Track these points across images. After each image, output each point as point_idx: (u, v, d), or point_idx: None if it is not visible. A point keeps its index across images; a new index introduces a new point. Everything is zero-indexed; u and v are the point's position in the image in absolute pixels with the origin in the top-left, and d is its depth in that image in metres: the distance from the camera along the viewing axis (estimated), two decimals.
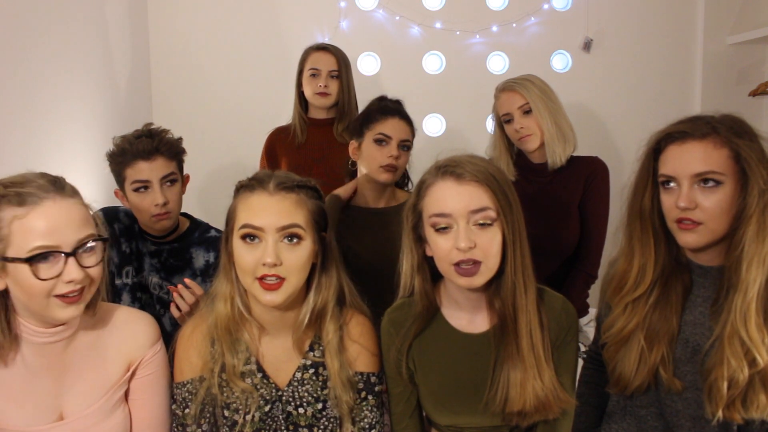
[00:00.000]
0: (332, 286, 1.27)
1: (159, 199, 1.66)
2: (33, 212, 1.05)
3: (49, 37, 1.96)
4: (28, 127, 1.82)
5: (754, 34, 2.74)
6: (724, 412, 1.17)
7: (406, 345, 1.29)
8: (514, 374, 1.21)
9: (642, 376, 1.25)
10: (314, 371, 1.28)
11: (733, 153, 1.15)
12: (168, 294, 1.72)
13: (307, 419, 1.27)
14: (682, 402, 1.25)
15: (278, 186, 1.19)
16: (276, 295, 1.16)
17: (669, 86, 2.95)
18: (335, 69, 2.24)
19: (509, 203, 1.18)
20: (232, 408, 1.25)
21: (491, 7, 2.88)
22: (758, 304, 1.15)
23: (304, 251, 1.18)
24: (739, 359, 1.15)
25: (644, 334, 1.24)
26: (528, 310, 1.21)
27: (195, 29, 2.81)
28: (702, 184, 1.16)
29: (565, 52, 2.92)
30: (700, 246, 1.20)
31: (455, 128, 2.89)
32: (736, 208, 1.16)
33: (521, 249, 1.20)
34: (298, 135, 2.28)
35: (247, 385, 1.24)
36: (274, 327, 1.27)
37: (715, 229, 1.17)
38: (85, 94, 2.22)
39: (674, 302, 1.25)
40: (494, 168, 1.21)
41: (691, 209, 1.16)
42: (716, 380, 1.17)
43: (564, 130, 1.97)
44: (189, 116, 2.82)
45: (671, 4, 2.93)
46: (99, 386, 1.20)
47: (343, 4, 2.83)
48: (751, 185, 1.14)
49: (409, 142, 1.80)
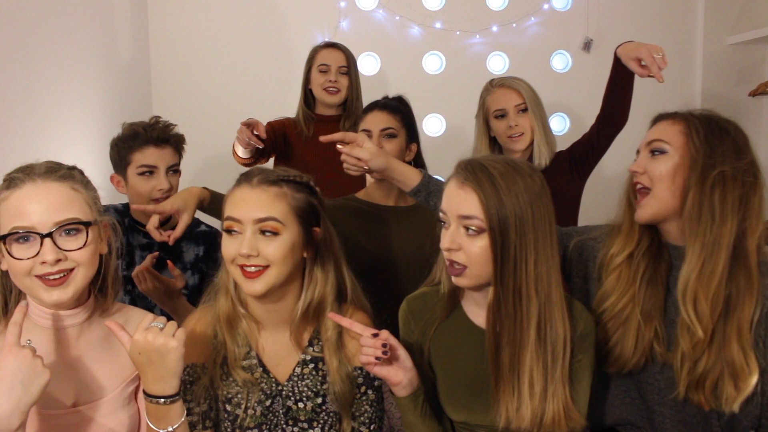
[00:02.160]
0: (329, 282, 1.27)
1: (164, 184, 1.73)
2: (13, 195, 1.10)
3: (49, 37, 1.96)
4: (29, 125, 1.83)
5: (754, 34, 2.74)
6: (689, 393, 1.20)
7: (431, 330, 1.29)
8: (499, 393, 1.20)
9: (639, 352, 1.26)
10: (314, 366, 1.28)
11: (686, 129, 1.23)
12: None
13: (306, 414, 1.27)
14: (664, 381, 1.27)
15: (260, 179, 1.22)
16: (256, 283, 1.18)
17: (669, 86, 2.94)
18: (344, 65, 2.29)
19: (505, 221, 1.14)
20: (234, 402, 1.25)
21: (491, 7, 2.88)
22: (700, 280, 1.17)
23: (282, 244, 1.19)
24: (685, 337, 1.19)
25: (641, 311, 1.25)
26: (517, 331, 1.17)
27: (195, 29, 2.81)
28: (654, 154, 1.25)
29: (565, 52, 2.93)
30: (648, 217, 1.25)
31: (455, 128, 2.89)
32: (683, 181, 1.21)
33: (516, 268, 1.15)
34: (304, 131, 2.30)
35: (248, 375, 1.25)
36: (269, 321, 1.28)
37: (660, 195, 1.23)
38: (85, 93, 2.22)
39: (660, 280, 1.27)
40: (513, 180, 1.16)
41: (639, 173, 1.26)
42: (675, 359, 1.21)
43: (548, 134, 2.01)
44: (189, 116, 2.81)
45: (671, 4, 2.94)
46: (111, 378, 1.21)
47: (343, 4, 2.83)
48: (695, 159, 1.20)
49: (391, 129, 1.78)
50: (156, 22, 2.80)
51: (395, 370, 1.19)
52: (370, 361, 1.17)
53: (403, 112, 1.84)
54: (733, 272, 1.18)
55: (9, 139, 1.72)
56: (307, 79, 2.33)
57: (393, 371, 1.19)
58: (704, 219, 1.17)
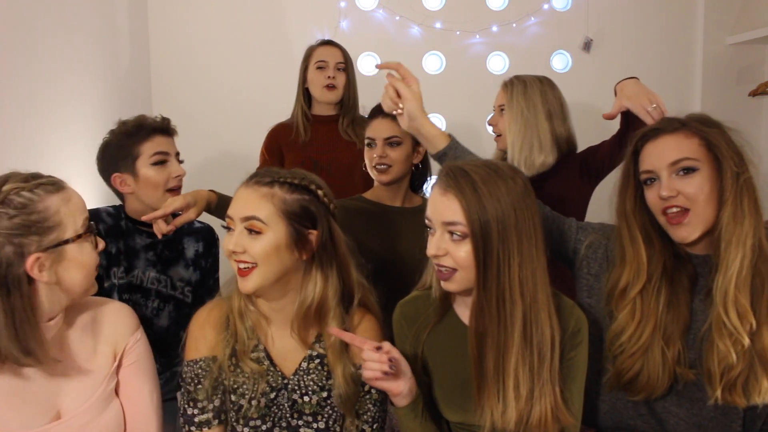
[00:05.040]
0: (330, 285, 1.28)
1: (180, 170, 1.71)
2: (69, 193, 1.14)
3: (49, 37, 1.96)
4: (30, 125, 1.83)
5: (754, 34, 2.74)
6: (724, 395, 1.20)
7: (424, 333, 1.29)
8: (483, 396, 1.20)
9: (667, 375, 1.25)
10: (319, 361, 1.30)
11: (704, 141, 1.21)
12: (167, 287, 1.73)
13: (311, 407, 1.29)
14: (683, 385, 1.27)
15: (256, 179, 1.26)
16: (246, 281, 1.22)
17: (669, 86, 2.95)
18: (342, 61, 2.30)
19: (487, 226, 1.14)
20: (239, 393, 1.27)
21: (491, 7, 2.88)
22: (738, 285, 1.18)
23: (265, 243, 1.21)
24: (725, 343, 1.18)
25: (662, 336, 1.25)
26: (500, 335, 1.18)
27: (195, 30, 2.81)
28: (680, 173, 1.21)
29: (565, 52, 2.92)
30: (694, 237, 1.23)
31: (455, 128, 2.88)
32: (716, 194, 1.20)
33: (499, 273, 1.16)
34: (302, 133, 2.29)
35: (257, 365, 1.27)
36: (275, 318, 1.30)
37: (703, 214, 1.21)
38: (85, 93, 2.22)
39: (683, 297, 1.26)
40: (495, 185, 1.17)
41: (673, 197, 1.21)
42: (709, 365, 1.20)
43: (532, 140, 1.90)
44: (189, 116, 2.82)
45: (671, 4, 2.94)
46: (92, 379, 1.21)
47: (343, 4, 2.83)
48: (725, 169, 1.19)
49: (396, 137, 1.77)
50: (156, 22, 2.80)
51: (397, 382, 1.19)
52: (376, 376, 1.16)
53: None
54: (756, 267, 1.20)
55: (9, 139, 1.72)
56: (304, 78, 2.33)
57: (395, 383, 1.19)
58: (740, 226, 1.18)
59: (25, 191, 1.08)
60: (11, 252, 1.04)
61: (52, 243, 1.09)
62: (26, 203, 1.07)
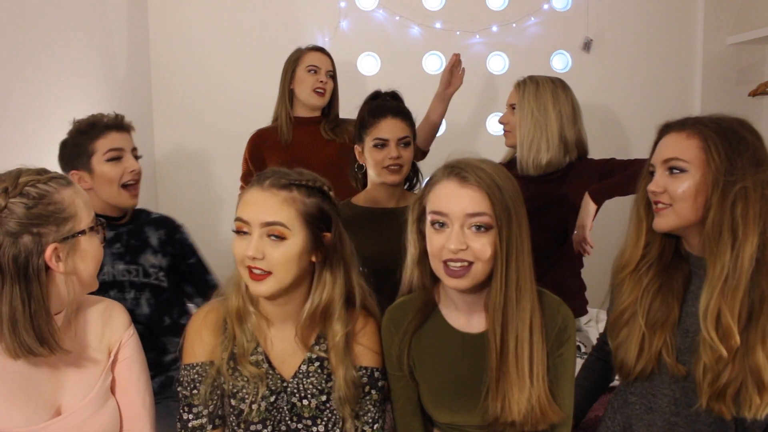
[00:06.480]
0: (338, 286, 1.27)
1: (135, 165, 1.72)
2: (77, 187, 1.17)
3: (49, 38, 1.96)
4: (30, 125, 1.83)
5: (754, 34, 2.74)
6: (710, 403, 1.19)
7: (407, 339, 1.29)
8: (501, 385, 1.20)
9: (644, 361, 1.25)
10: (319, 364, 1.29)
11: (703, 144, 1.18)
12: (139, 275, 1.73)
13: (311, 411, 1.28)
14: (680, 391, 1.26)
15: (272, 182, 1.22)
16: (262, 286, 1.20)
17: (669, 86, 2.96)
18: (331, 70, 2.36)
19: (508, 214, 1.17)
20: (239, 397, 1.26)
21: (491, 7, 2.88)
22: (725, 296, 1.15)
23: (288, 249, 1.19)
24: (707, 353, 1.17)
25: (645, 321, 1.25)
26: (518, 324, 1.20)
27: (195, 30, 2.81)
28: (672, 171, 1.21)
29: (565, 52, 2.93)
30: (667, 228, 1.23)
31: (455, 128, 2.89)
32: (705, 197, 1.18)
33: (516, 262, 1.19)
34: (284, 133, 2.33)
35: (256, 369, 1.26)
36: (278, 319, 1.28)
37: (681, 213, 1.20)
38: (85, 93, 2.22)
39: (676, 291, 1.26)
40: (502, 176, 1.20)
41: (660, 192, 1.22)
42: (697, 372, 1.20)
43: (540, 141, 1.92)
44: (189, 116, 2.82)
45: (671, 5, 2.94)
46: (90, 375, 1.22)
47: (343, 4, 2.83)
48: (712, 175, 1.16)
49: (407, 137, 1.79)
50: (156, 22, 2.80)
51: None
52: None
53: (411, 115, 1.85)
54: (755, 281, 1.15)
55: (9, 138, 1.72)
56: (291, 79, 2.35)
57: None
58: (725, 237, 1.14)
59: (41, 183, 1.10)
60: (29, 241, 1.07)
61: (69, 233, 1.11)
62: (43, 194, 1.10)
